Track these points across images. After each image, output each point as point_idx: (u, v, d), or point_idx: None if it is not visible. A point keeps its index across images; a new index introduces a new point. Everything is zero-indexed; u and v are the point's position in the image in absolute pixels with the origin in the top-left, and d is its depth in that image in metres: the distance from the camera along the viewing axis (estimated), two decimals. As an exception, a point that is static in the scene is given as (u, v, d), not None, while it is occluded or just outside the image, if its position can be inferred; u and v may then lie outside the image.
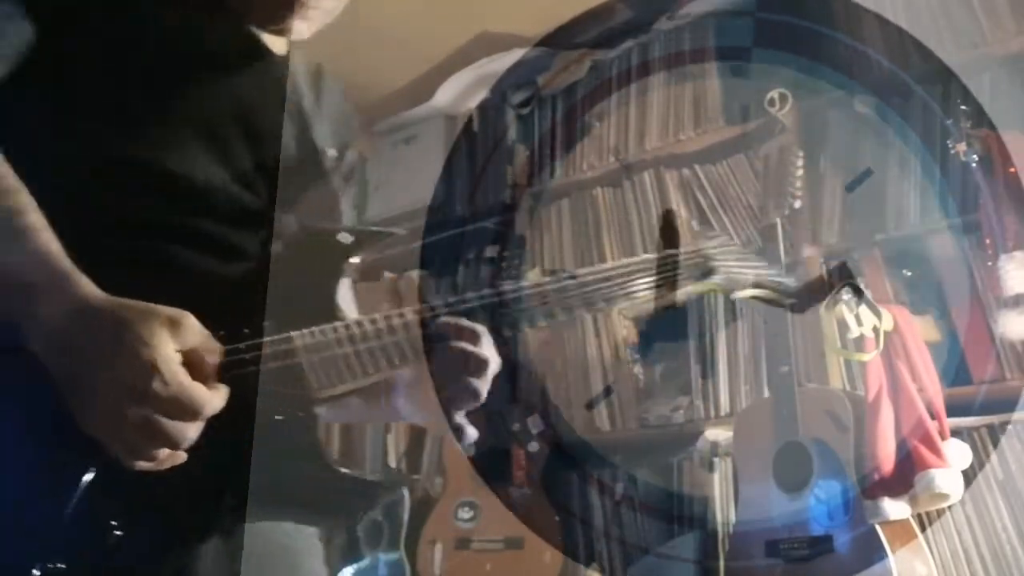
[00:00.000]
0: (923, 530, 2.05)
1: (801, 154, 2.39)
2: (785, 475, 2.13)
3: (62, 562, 0.78)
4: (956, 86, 2.29)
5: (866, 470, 2.00)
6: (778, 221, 2.29)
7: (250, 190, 0.96)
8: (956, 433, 2.08)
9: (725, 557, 2.27)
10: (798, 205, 2.43)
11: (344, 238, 0.94)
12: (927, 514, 2.10)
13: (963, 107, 2.18)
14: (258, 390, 0.82)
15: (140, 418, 0.75)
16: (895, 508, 1.98)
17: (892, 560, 1.91)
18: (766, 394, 2.41)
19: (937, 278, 2.28)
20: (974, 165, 2.08)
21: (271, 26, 1.04)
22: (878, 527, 1.96)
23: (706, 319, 2.65)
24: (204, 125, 0.94)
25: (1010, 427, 2.09)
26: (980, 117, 2.14)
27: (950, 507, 2.07)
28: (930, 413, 2.02)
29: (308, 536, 1.01)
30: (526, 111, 3.20)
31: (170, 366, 0.75)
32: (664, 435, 2.65)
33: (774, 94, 2.53)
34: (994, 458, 2.09)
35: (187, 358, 0.77)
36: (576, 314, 0.92)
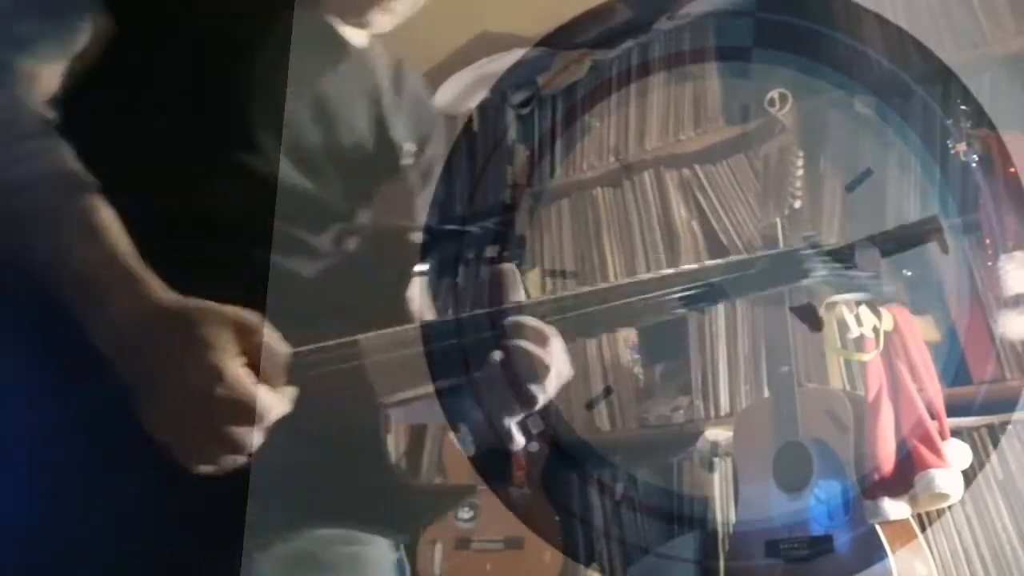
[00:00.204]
0: (923, 530, 2.06)
1: (801, 154, 2.39)
2: (785, 475, 2.13)
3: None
4: (956, 86, 2.29)
5: (866, 470, 2.00)
6: (778, 221, 2.29)
7: (325, 188, 0.94)
8: (956, 433, 2.08)
9: (725, 557, 2.28)
10: (798, 205, 2.43)
11: (416, 237, 0.92)
12: (927, 514, 2.10)
13: (963, 107, 2.18)
14: (322, 394, 0.80)
15: (203, 422, 0.74)
16: (895, 508, 1.98)
17: (892, 560, 1.91)
18: (766, 394, 2.41)
19: (937, 278, 2.28)
20: (974, 165, 2.08)
21: (352, 19, 1.02)
22: (878, 527, 1.96)
23: (706, 319, 2.65)
24: (280, 121, 0.92)
25: (1010, 427, 2.09)
26: (980, 117, 2.14)
27: (950, 507, 2.07)
28: (930, 413, 2.02)
29: (379, 545, 0.98)
30: (526, 111, 3.20)
31: (234, 370, 0.74)
32: (664, 435, 2.65)
33: (774, 94, 2.53)
34: (994, 458, 2.09)
35: (253, 360, 0.76)
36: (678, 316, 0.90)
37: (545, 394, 0.85)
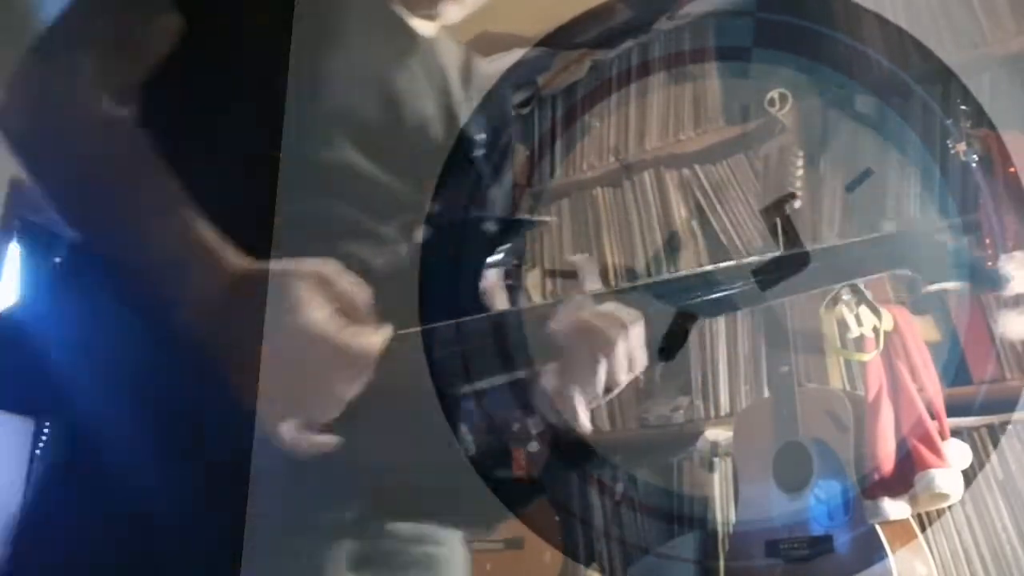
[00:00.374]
0: (923, 530, 2.06)
1: (801, 154, 2.39)
2: (785, 475, 2.13)
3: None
4: (956, 86, 2.29)
5: (866, 470, 2.00)
6: (778, 221, 2.29)
7: (394, 177, 0.94)
8: (956, 433, 2.08)
9: (725, 557, 2.28)
10: (798, 205, 2.43)
11: (489, 227, 0.92)
12: (927, 514, 2.10)
13: (963, 107, 2.17)
14: (398, 384, 0.80)
15: (299, 379, 0.74)
16: (895, 508, 1.98)
17: (892, 560, 1.91)
18: (766, 394, 2.41)
19: (937, 278, 2.27)
20: (974, 165, 2.08)
21: (423, 9, 1.03)
22: (878, 527, 1.96)
23: (706, 319, 2.65)
24: (350, 111, 0.92)
25: (1010, 427, 2.09)
26: (980, 117, 2.14)
27: (950, 507, 2.07)
28: (930, 413, 2.02)
29: (452, 543, 0.97)
30: (526, 111, 3.20)
31: (324, 322, 0.74)
32: (664, 435, 2.65)
33: (774, 94, 2.53)
34: (994, 458, 2.09)
35: (342, 304, 0.76)
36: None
37: (618, 381, 0.85)
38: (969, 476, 2.05)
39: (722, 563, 2.27)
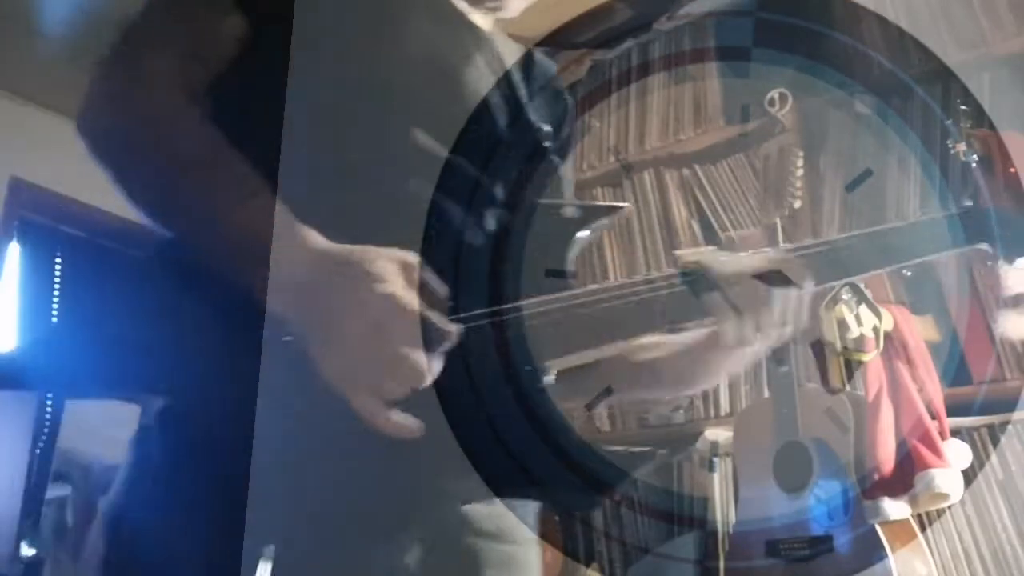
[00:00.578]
0: (923, 530, 2.05)
1: (801, 154, 2.39)
2: (785, 475, 2.13)
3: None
4: (956, 86, 2.29)
5: (866, 470, 2.00)
6: (778, 221, 2.29)
7: (471, 164, 0.95)
8: (956, 433, 2.08)
9: (725, 557, 2.27)
10: (798, 205, 2.43)
11: (568, 212, 0.93)
12: (927, 514, 2.10)
13: (963, 107, 2.17)
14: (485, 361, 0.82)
15: (386, 354, 0.75)
16: (895, 508, 1.98)
17: (892, 560, 1.91)
18: (766, 394, 2.41)
19: (937, 278, 2.28)
20: (974, 165, 2.08)
21: (488, 3, 1.05)
22: (878, 527, 1.96)
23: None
24: (420, 101, 0.94)
25: (1010, 427, 2.09)
26: (980, 117, 2.14)
27: (950, 507, 2.07)
28: (930, 413, 2.02)
29: (529, 543, 0.98)
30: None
31: (409, 298, 0.76)
32: (664, 435, 2.65)
33: (774, 94, 2.53)
34: (994, 458, 2.10)
35: (420, 292, 0.77)
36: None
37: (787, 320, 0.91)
38: (969, 476, 2.05)
39: (722, 563, 2.26)
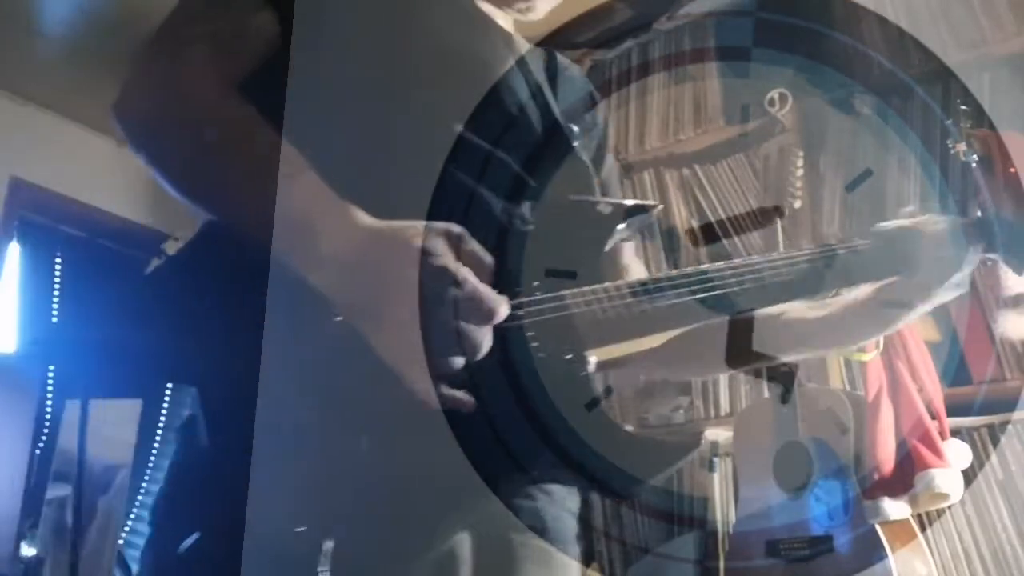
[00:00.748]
0: (923, 530, 2.05)
1: (801, 154, 2.39)
2: (785, 475, 2.13)
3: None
4: (956, 86, 2.29)
5: (866, 470, 2.00)
6: (778, 221, 2.29)
7: (510, 158, 0.97)
8: (956, 433, 2.08)
9: (725, 557, 2.27)
10: (798, 205, 2.44)
11: (604, 208, 0.94)
12: (927, 514, 2.10)
13: (963, 107, 2.17)
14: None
15: (440, 326, 0.75)
16: (895, 508, 1.98)
17: (892, 560, 1.91)
18: (766, 394, 2.41)
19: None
20: (974, 165, 2.08)
21: (518, 3, 1.07)
22: (878, 527, 1.96)
23: (706, 319, 2.64)
24: (452, 94, 0.95)
25: (1010, 427, 2.09)
26: (980, 117, 2.14)
27: (950, 507, 2.07)
28: (930, 413, 2.02)
29: (569, 540, 0.99)
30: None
31: (461, 270, 0.76)
32: (664, 435, 2.65)
33: (774, 94, 2.53)
34: (994, 458, 2.10)
35: (468, 265, 0.78)
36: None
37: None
38: (969, 476, 2.05)
39: (722, 563, 2.27)
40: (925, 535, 2.05)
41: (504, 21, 1.09)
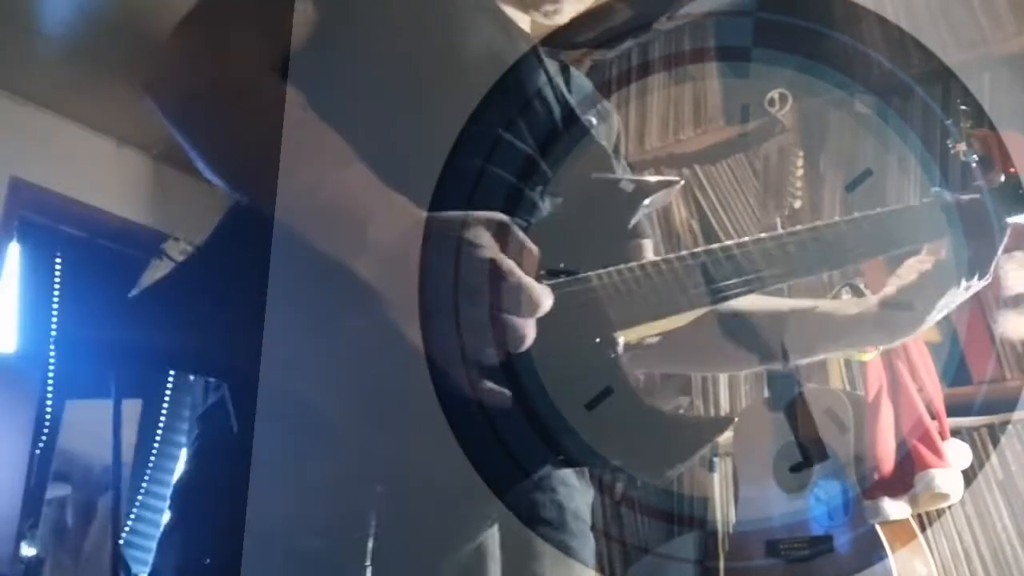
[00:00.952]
0: (923, 530, 2.06)
1: (801, 154, 2.39)
2: (785, 475, 2.13)
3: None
4: (956, 86, 2.29)
5: (866, 470, 2.00)
6: (778, 221, 2.29)
7: (533, 147, 0.97)
8: (956, 433, 2.08)
9: (725, 557, 2.28)
10: (798, 205, 2.44)
11: (626, 186, 0.94)
12: (927, 514, 2.10)
13: (963, 107, 2.17)
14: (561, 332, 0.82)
15: (487, 317, 0.75)
16: (895, 508, 1.98)
17: (892, 560, 1.91)
18: (766, 394, 2.41)
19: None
20: (974, 165, 2.08)
21: (546, 6, 1.08)
22: (878, 527, 1.96)
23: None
24: (478, 87, 0.95)
25: (1010, 427, 2.09)
26: (980, 117, 2.14)
27: (950, 507, 2.07)
28: (930, 413, 2.02)
29: (586, 536, 0.99)
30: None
31: (506, 262, 0.76)
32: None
33: (774, 94, 2.53)
34: (994, 458, 2.10)
35: (516, 256, 0.78)
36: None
37: None
38: (969, 476, 2.05)
39: (722, 563, 2.27)
40: (925, 535, 2.05)
41: (524, 23, 1.09)
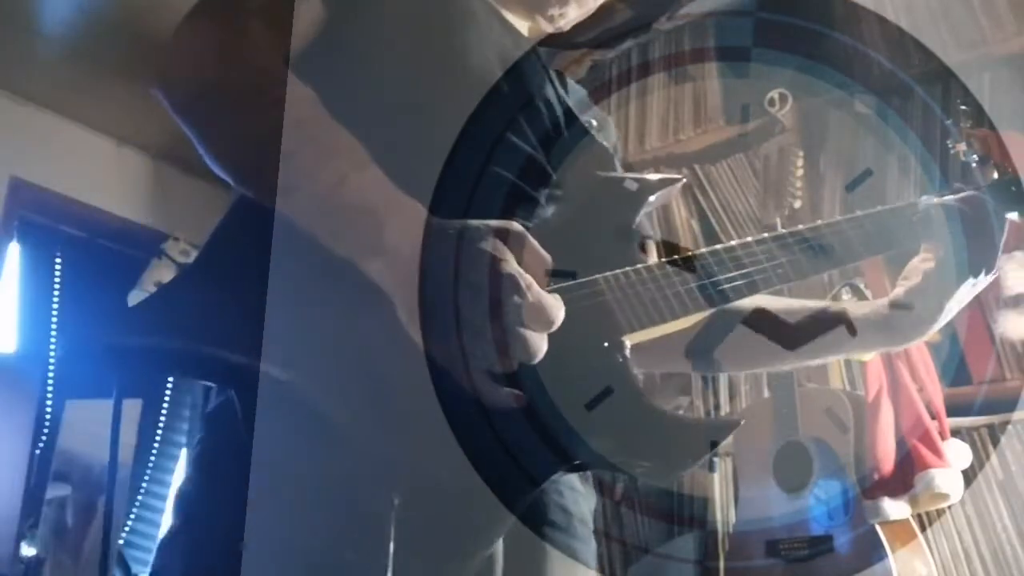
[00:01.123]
0: (923, 530, 2.05)
1: (801, 154, 2.39)
2: (785, 475, 2.13)
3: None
4: (956, 86, 2.29)
5: (866, 470, 2.00)
6: (778, 221, 2.29)
7: (535, 148, 0.97)
8: (956, 433, 2.08)
9: (725, 557, 2.28)
10: (798, 205, 2.44)
11: (631, 185, 0.94)
12: (927, 514, 2.10)
13: (963, 107, 2.17)
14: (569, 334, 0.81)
15: (500, 331, 0.75)
16: (895, 508, 1.98)
17: (892, 560, 1.91)
18: (766, 394, 2.41)
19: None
20: (974, 165, 2.08)
21: (551, 9, 1.07)
22: (878, 527, 1.96)
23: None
24: (483, 86, 0.95)
25: (1010, 427, 2.09)
26: (980, 117, 2.14)
27: (950, 507, 2.07)
28: (930, 413, 2.02)
29: (588, 537, 0.99)
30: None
31: (525, 276, 0.76)
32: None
33: (774, 94, 2.53)
34: (994, 458, 2.10)
35: (527, 264, 0.77)
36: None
37: None
38: (969, 476, 2.05)
39: (722, 563, 2.27)
40: (925, 535, 2.05)
41: (525, 29, 1.08)
